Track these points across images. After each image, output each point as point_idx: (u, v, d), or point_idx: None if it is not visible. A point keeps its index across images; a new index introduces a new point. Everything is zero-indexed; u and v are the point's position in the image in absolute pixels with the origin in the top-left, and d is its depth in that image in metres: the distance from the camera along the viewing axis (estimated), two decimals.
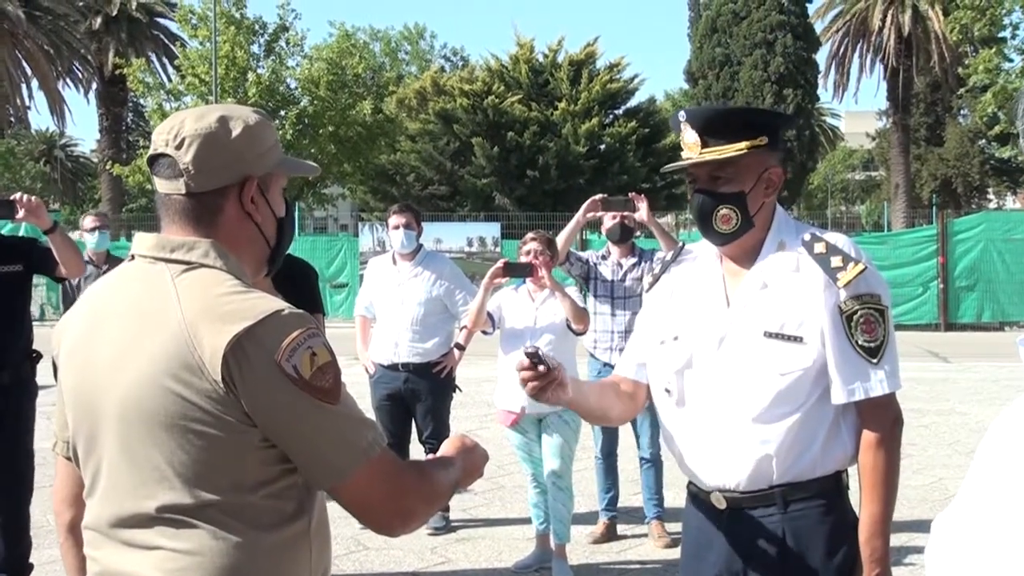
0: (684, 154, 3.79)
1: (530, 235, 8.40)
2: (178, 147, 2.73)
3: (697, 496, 3.89)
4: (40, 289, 27.76)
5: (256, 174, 2.78)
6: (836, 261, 3.64)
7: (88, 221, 11.05)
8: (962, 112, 58.63)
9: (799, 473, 3.66)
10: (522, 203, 42.70)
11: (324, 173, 44.54)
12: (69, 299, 10.61)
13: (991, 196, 64.43)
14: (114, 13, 68.03)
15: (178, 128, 2.76)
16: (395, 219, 9.30)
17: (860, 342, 3.58)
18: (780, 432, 3.60)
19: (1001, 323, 22.72)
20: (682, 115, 3.81)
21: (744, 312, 3.72)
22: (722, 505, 3.76)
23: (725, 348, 3.73)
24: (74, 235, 9.14)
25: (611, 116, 49.70)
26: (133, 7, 69.10)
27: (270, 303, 2.62)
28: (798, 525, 3.69)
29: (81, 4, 66.46)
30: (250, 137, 2.77)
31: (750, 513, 3.73)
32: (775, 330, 3.63)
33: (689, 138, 3.75)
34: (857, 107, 70.93)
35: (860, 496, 3.63)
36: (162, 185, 2.79)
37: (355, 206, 50.56)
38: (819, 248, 3.69)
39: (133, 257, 2.80)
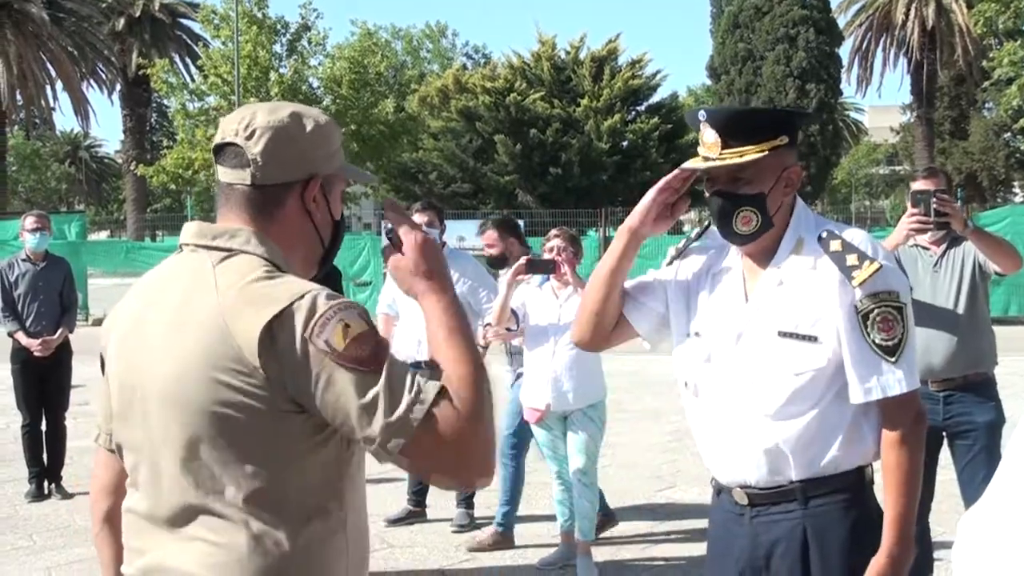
0: (702, 152, 3.74)
1: (553, 232, 8.44)
2: (248, 137, 2.74)
3: (720, 492, 3.89)
4: None
5: (322, 173, 2.78)
6: (852, 259, 3.59)
7: (29, 222, 11.26)
8: (987, 105, 58.39)
9: (818, 470, 3.65)
10: (545, 200, 42.73)
11: None
12: (6, 292, 10.96)
13: (1016, 190, 64.18)
14: (137, 14, 68.43)
15: (249, 119, 2.77)
16: (418, 217, 9.27)
17: (877, 341, 3.55)
18: (797, 429, 3.59)
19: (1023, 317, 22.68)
20: (702, 114, 3.73)
21: (761, 310, 3.70)
22: (744, 501, 3.77)
23: (743, 345, 3.72)
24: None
25: (633, 112, 49.68)
26: (156, 8, 69.44)
27: (301, 286, 2.59)
28: (820, 521, 3.68)
29: (104, 6, 66.79)
30: (320, 136, 2.77)
31: (771, 509, 3.72)
32: (789, 329, 3.62)
33: (709, 138, 3.69)
34: (880, 101, 70.92)
35: (884, 495, 3.61)
36: (225, 174, 2.79)
37: (378, 204, 50.55)
38: (835, 246, 3.65)
39: (182, 248, 2.79)
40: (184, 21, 67.26)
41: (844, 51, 62.74)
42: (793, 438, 3.62)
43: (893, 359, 3.55)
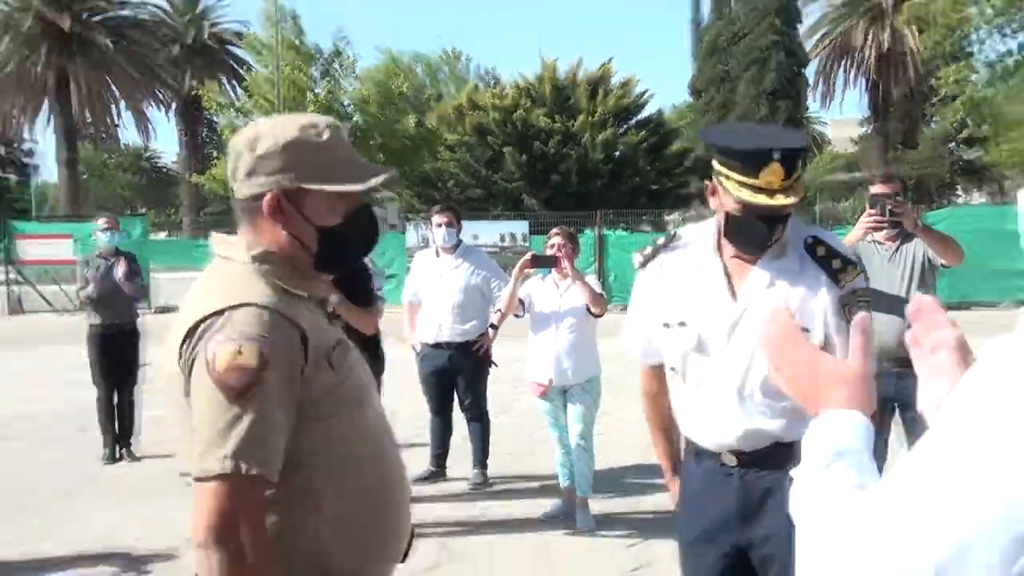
0: (762, 183, 3.44)
1: (555, 231, 8.53)
2: (233, 159, 2.71)
3: (703, 455, 3.81)
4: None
5: (278, 188, 2.58)
6: (836, 263, 3.64)
7: (101, 223, 11.59)
8: (934, 119, 58.24)
9: (801, 434, 3.65)
10: (547, 204, 42.60)
11: None
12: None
13: (959, 193, 64.02)
14: (190, 42, 68.41)
15: (233, 142, 2.74)
16: (438, 218, 9.48)
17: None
18: (787, 408, 3.54)
19: (967, 303, 22.65)
20: (776, 154, 3.43)
21: (753, 307, 3.62)
22: (732, 462, 3.73)
23: (736, 338, 3.65)
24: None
25: (624, 127, 49.49)
26: (207, 37, 69.45)
27: (244, 296, 2.49)
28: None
29: (162, 35, 66.64)
30: (277, 154, 2.59)
31: (760, 467, 3.70)
32: None
33: (775, 171, 3.43)
34: (841, 116, 70.55)
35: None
36: None
37: (402, 208, 50.57)
38: (821, 251, 3.67)
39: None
40: (231, 48, 67.13)
41: (810, 71, 62.64)
42: (783, 411, 3.60)
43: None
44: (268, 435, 2.42)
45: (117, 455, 10.88)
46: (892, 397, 6.49)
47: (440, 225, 9.40)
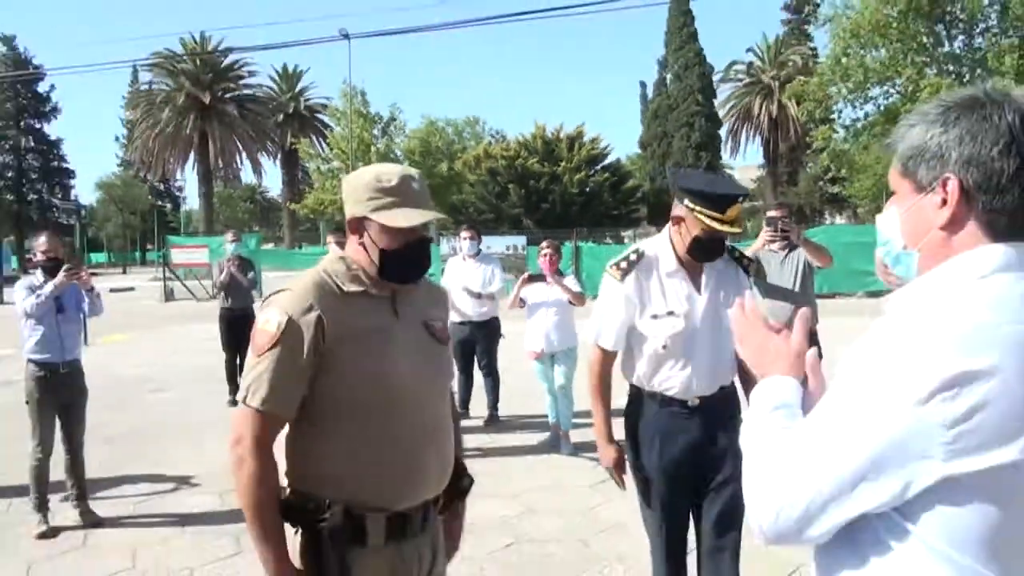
0: (725, 218, 3.51)
1: (544, 243, 8.64)
2: (343, 192, 2.60)
3: (669, 402, 3.75)
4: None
5: (353, 215, 2.49)
6: (745, 262, 3.92)
7: (229, 236, 11.76)
8: (809, 165, 58.20)
9: (733, 381, 3.86)
10: (539, 224, 42.54)
11: None
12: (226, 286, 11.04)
13: (827, 217, 63.93)
14: (291, 112, 68.47)
15: (344, 180, 2.63)
16: (464, 234, 9.62)
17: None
18: (733, 361, 3.77)
19: (834, 293, 22.60)
20: (740, 198, 3.57)
21: (712, 296, 3.72)
22: (696, 404, 3.74)
23: (706, 318, 3.71)
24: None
25: (593, 170, 49.48)
26: (302, 108, 69.45)
27: (292, 285, 2.45)
28: (735, 409, 3.76)
29: (272, 106, 67.08)
30: (350, 191, 2.51)
31: (716, 404, 3.77)
32: (730, 304, 3.53)
33: (732, 209, 3.51)
34: (745, 162, 70.35)
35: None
36: None
37: (437, 227, 50.67)
38: (736, 254, 3.90)
39: None
40: (318, 115, 67.13)
41: (723, 131, 62.58)
42: (731, 370, 3.81)
43: None
44: (276, 383, 2.35)
45: (238, 401, 10.77)
46: None
47: (466, 239, 9.54)
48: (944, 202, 1.52)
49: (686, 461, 3.75)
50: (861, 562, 1.48)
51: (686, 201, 3.60)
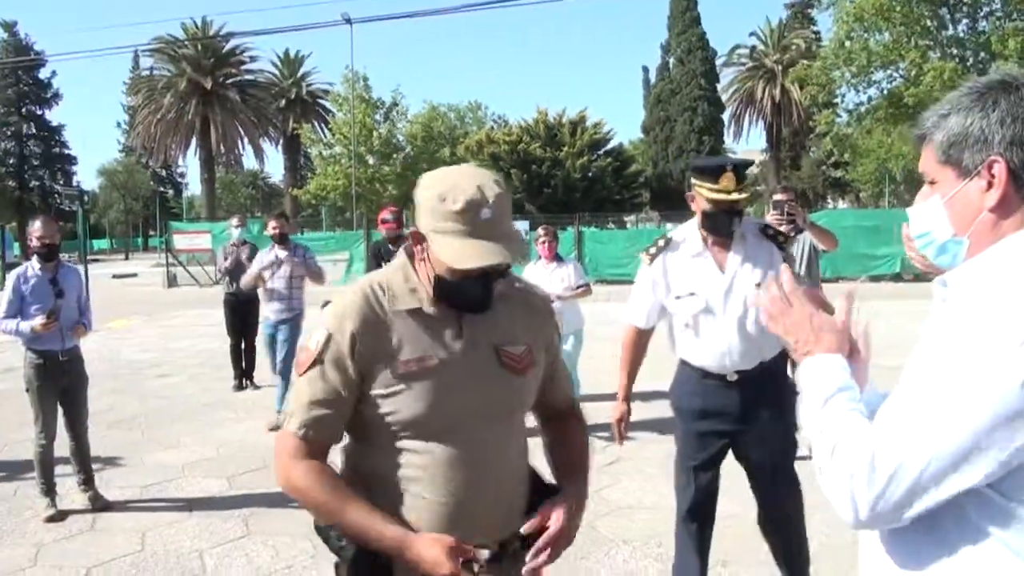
0: (721, 188, 3.76)
1: (541, 228, 8.88)
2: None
3: (709, 375, 3.97)
4: None
5: (416, 226, 2.13)
6: (780, 239, 4.03)
7: (235, 220, 11.49)
8: (812, 149, 58.13)
9: (776, 355, 3.99)
10: (541, 209, 42.55)
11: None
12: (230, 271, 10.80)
13: (830, 201, 63.89)
14: (293, 97, 68.39)
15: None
16: None
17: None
18: (769, 336, 3.70)
19: (838, 277, 22.62)
20: (728, 164, 3.82)
21: (735, 276, 3.88)
22: (734, 378, 3.92)
23: (730, 298, 3.88)
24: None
25: (595, 155, 49.49)
26: (304, 93, 69.33)
27: (340, 295, 2.23)
28: (777, 376, 4.02)
29: (273, 92, 67.10)
30: (418, 195, 2.11)
31: (753, 378, 3.92)
32: (758, 281, 3.79)
33: (729, 178, 3.75)
34: (748, 147, 70.23)
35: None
36: None
37: None
38: (769, 232, 4.01)
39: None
40: (320, 101, 67.04)
41: (726, 116, 62.58)
42: (768, 341, 3.82)
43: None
44: (313, 407, 2.14)
45: (243, 385, 10.79)
46: None
47: None
48: (990, 184, 1.55)
49: (723, 433, 3.99)
50: (942, 542, 1.50)
51: (692, 181, 3.90)
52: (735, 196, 3.76)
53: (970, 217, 1.59)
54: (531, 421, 2.44)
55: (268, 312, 9.14)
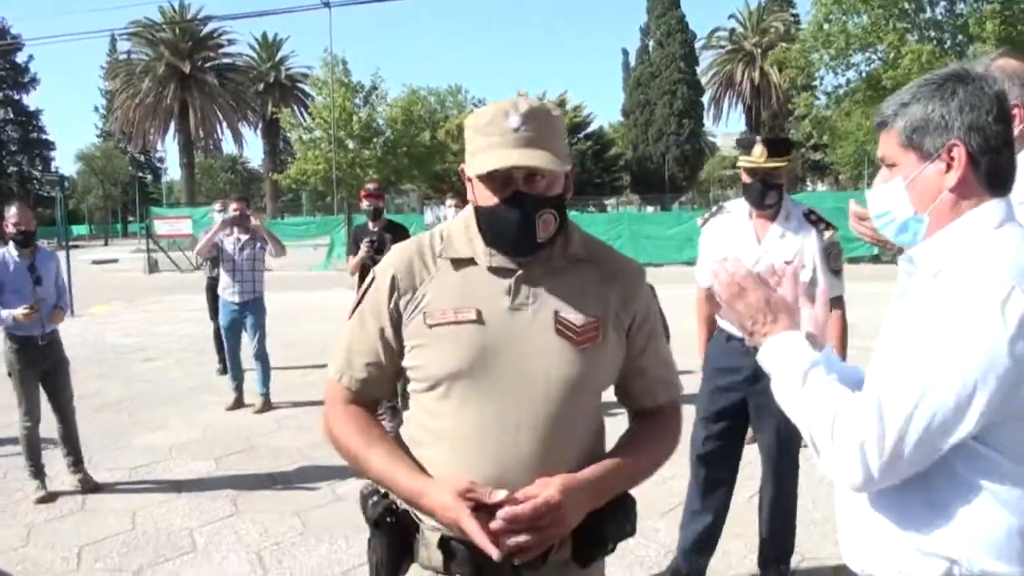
0: (752, 158, 4.12)
1: None
2: None
3: (733, 339, 4.18)
4: None
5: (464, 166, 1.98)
6: (822, 225, 4.21)
7: (217, 205, 11.51)
8: (791, 132, 58.37)
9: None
10: None
11: (400, 176, 44.41)
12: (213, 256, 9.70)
13: (809, 184, 64.20)
14: (271, 81, 68.01)
15: None
16: (450, 202, 9.71)
17: (832, 267, 4.16)
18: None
19: None
20: (758, 138, 4.18)
21: (770, 249, 4.14)
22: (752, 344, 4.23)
23: (758, 269, 4.05)
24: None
25: (576, 138, 49.58)
26: (283, 77, 68.97)
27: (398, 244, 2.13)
28: None
29: (252, 76, 66.72)
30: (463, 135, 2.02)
31: None
32: (789, 260, 3.93)
33: (758, 150, 4.11)
34: (727, 130, 70.50)
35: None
36: None
37: (420, 196, 50.49)
38: (813, 217, 4.22)
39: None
40: (300, 84, 66.74)
41: (706, 99, 62.66)
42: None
43: (838, 276, 4.23)
44: (350, 353, 2.06)
45: (227, 368, 10.79)
46: None
47: (451, 207, 9.55)
48: (949, 167, 1.72)
49: (736, 388, 4.21)
50: (933, 501, 1.66)
51: (737, 157, 4.27)
52: (765, 164, 4.08)
53: (930, 197, 1.75)
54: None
55: (229, 294, 8.98)
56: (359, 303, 2.07)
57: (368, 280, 2.06)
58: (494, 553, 1.77)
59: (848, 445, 1.62)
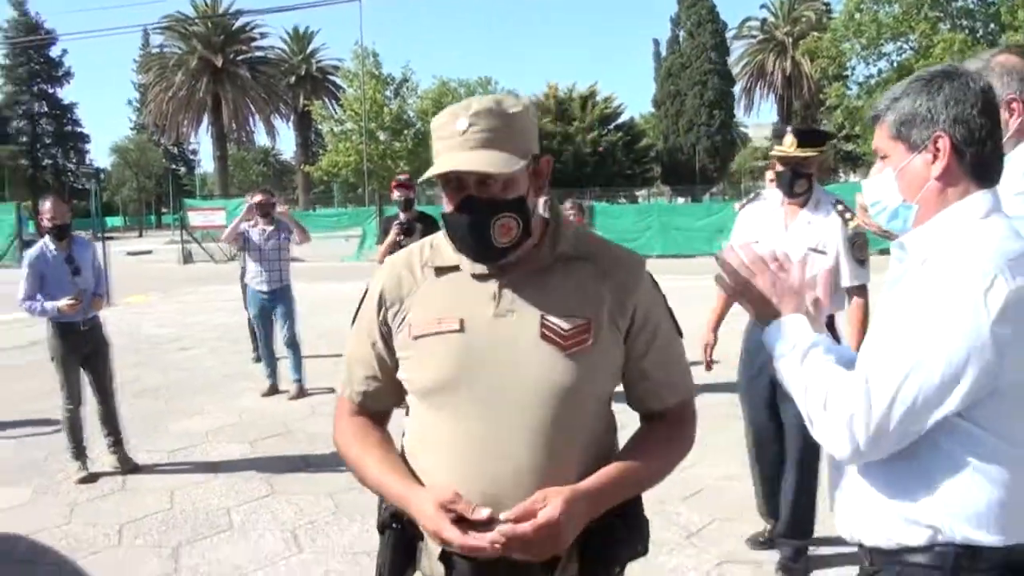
0: (782, 147, 4.33)
1: (568, 202, 8.82)
2: None
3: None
4: None
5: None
6: (848, 215, 4.32)
7: (248, 197, 11.08)
8: (823, 122, 57.94)
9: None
10: (552, 184, 42.19)
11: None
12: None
13: (842, 175, 63.74)
14: (303, 74, 68.44)
15: None
16: None
17: (857, 256, 4.32)
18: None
19: None
20: (789, 128, 4.39)
21: (796, 235, 4.33)
22: None
23: (783, 250, 4.22)
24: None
25: (606, 130, 49.61)
26: (314, 70, 69.38)
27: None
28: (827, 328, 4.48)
29: (284, 68, 67.20)
30: None
31: None
32: (812, 246, 4.24)
33: (788, 140, 4.32)
34: (759, 120, 69.99)
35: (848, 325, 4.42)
36: None
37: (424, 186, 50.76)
38: (840, 208, 4.37)
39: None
40: (331, 77, 67.12)
41: (736, 89, 62.35)
42: (839, 299, 4.36)
43: (863, 265, 4.37)
44: (350, 366, 2.08)
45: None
46: None
47: None
48: (935, 157, 1.84)
49: (767, 373, 4.32)
50: (922, 474, 1.78)
51: (772, 146, 4.49)
52: (795, 153, 4.27)
53: (918, 185, 1.87)
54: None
55: (257, 284, 9.10)
56: (356, 316, 2.07)
57: (363, 293, 2.06)
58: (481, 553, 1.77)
59: (838, 419, 1.75)
